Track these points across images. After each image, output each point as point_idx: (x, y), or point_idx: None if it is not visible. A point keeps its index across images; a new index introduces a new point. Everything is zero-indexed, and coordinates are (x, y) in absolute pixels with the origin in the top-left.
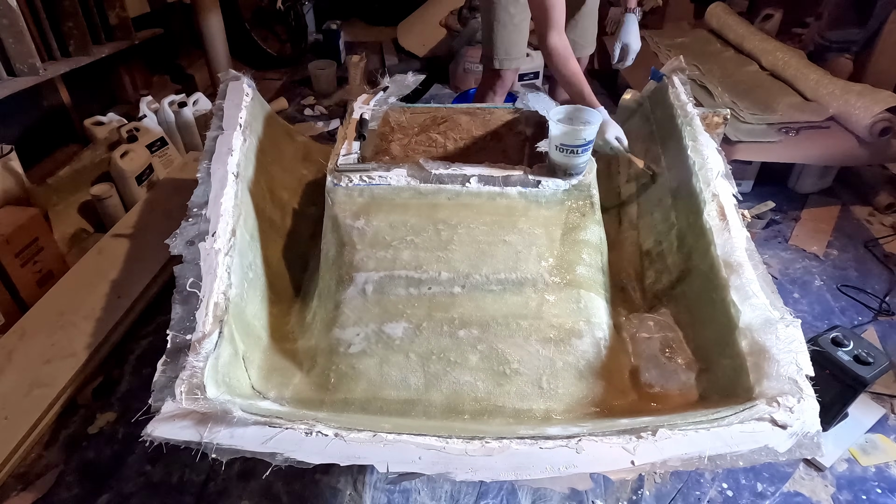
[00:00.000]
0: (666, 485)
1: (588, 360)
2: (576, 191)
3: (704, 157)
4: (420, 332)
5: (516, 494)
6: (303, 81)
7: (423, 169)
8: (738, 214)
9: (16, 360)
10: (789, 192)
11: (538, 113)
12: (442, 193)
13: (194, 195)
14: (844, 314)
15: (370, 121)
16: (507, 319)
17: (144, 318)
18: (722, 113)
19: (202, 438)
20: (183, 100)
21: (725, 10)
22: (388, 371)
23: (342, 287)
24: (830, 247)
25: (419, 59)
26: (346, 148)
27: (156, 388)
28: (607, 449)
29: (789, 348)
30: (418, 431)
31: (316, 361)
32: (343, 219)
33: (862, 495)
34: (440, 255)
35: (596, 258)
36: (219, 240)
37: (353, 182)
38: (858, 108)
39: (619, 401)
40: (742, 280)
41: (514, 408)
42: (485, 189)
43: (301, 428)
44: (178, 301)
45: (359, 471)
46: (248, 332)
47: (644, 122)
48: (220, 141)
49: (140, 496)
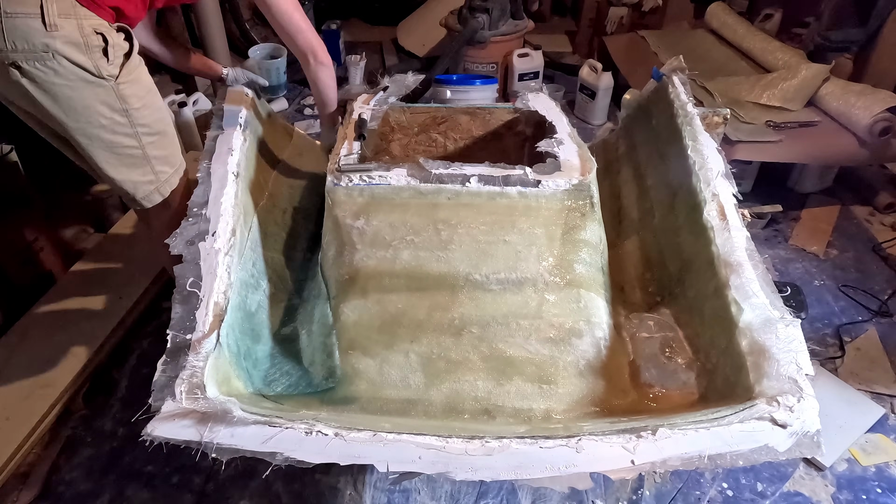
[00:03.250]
0: (666, 484)
1: (588, 359)
2: (576, 191)
3: (704, 157)
4: (420, 331)
5: (516, 494)
6: (303, 81)
7: (423, 169)
8: (738, 214)
9: (16, 360)
10: (789, 192)
11: (538, 113)
12: (442, 193)
13: (194, 195)
14: (844, 314)
15: (370, 121)
16: (507, 319)
17: (144, 318)
18: (722, 113)
19: (202, 438)
20: (183, 100)
21: (725, 9)
22: (388, 371)
23: (342, 287)
24: (830, 247)
25: (419, 59)
26: (346, 148)
27: (156, 387)
28: (607, 448)
29: (789, 348)
30: (418, 431)
31: (316, 361)
32: (343, 218)
33: (862, 495)
34: (440, 255)
35: (596, 258)
36: (219, 240)
37: (354, 182)
38: (858, 108)
39: (619, 400)
40: (742, 280)
41: (514, 407)
42: (485, 189)
43: (301, 427)
44: (178, 301)
45: (359, 470)
46: (248, 332)
47: (645, 121)
48: (220, 141)
49: (140, 496)
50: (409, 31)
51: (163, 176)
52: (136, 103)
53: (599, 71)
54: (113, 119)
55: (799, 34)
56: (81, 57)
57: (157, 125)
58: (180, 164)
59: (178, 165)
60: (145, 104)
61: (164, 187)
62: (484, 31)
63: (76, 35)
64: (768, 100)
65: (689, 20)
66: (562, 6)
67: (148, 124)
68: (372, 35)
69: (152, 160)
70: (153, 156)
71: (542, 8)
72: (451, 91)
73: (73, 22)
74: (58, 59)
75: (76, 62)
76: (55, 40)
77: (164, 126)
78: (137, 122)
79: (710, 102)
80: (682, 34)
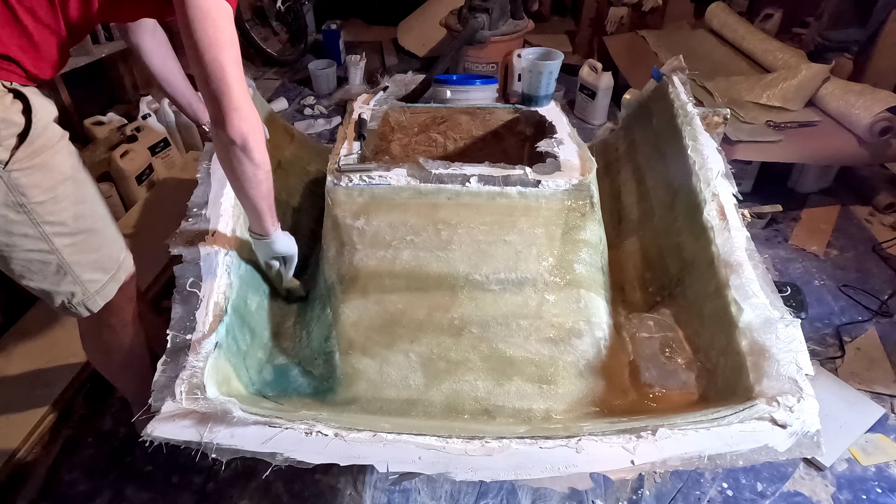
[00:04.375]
0: (666, 484)
1: (588, 359)
2: (576, 191)
3: (704, 157)
4: (420, 331)
5: (516, 494)
6: (303, 81)
7: (423, 169)
8: (738, 214)
9: (16, 360)
10: (789, 192)
11: (538, 113)
12: (442, 193)
13: (194, 195)
14: (844, 314)
15: (370, 121)
16: (507, 319)
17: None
18: (722, 113)
19: (202, 438)
20: None
21: (725, 9)
22: (388, 371)
23: (342, 287)
24: (830, 247)
25: (419, 58)
26: (346, 148)
27: (156, 387)
28: (607, 448)
29: (789, 348)
30: (418, 431)
31: (316, 361)
32: (343, 218)
33: (862, 495)
34: (440, 255)
35: (596, 258)
36: (219, 240)
37: (353, 182)
38: (858, 108)
39: (619, 400)
40: (742, 279)
41: (514, 407)
42: (485, 189)
43: (301, 428)
44: (178, 301)
45: (359, 471)
46: (248, 332)
47: (645, 121)
48: None
49: (140, 496)
50: (409, 31)
51: (92, 286)
52: (38, 196)
53: (599, 71)
54: (5, 216)
55: (799, 34)
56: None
57: (78, 223)
58: (121, 266)
59: (114, 269)
60: (55, 197)
61: (93, 300)
62: (484, 30)
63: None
64: (768, 100)
65: (689, 20)
66: (562, 6)
67: (62, 222)
68: (372, 35)
69: (72, 266)
70: (73, 262)
71: (542, 8)
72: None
73: None
74: None
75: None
76: None
77: (91, 223)
78: (43, 219)
79: (710, 102)
80: (682, 34)
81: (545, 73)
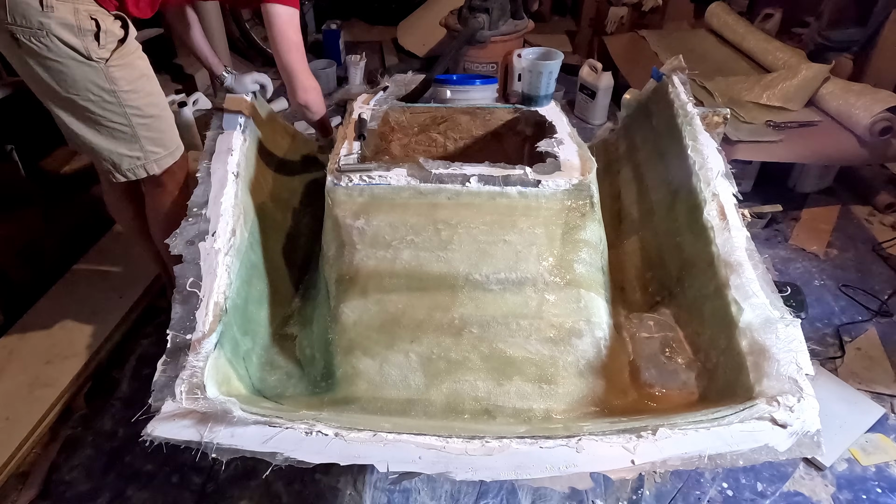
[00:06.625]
0: (666, 484)
1: (588, 359)
2: (576, 190)
3: (704, 157)
4: (420, 331)
5: (516, 494)
6: None
7: (423, 168)
8: (738, 214)
9: (16, 360)
10: (789, 192)
11: (538, 113)
12: (442, 193)
13: (194, 195)
14: (844, 314)
15: (370, 121)
16: (507, 319)
17: (145, 318)
18: (722, 113)
19: (202, 438)
20: (183, 100)
21: (725, 9)
22: (389, 371)
23: (342, 287)
24: (830, 247)
25: (419, 58)
26: (346, 148)
27: (156, 387)
28: (607, 448)
29: (789, 348)
30: (418, 431)
31: (316, 361)
32: (343, 218)
33: (862, 495)
34: (440, 255)
35: (596, 258)
36: (219, 240)
37: (353, 182)
38: (858, 107)
39: (619, 400)
40: (742, 279)
41: (514, 407)
42: (485, 189)
43: (301, 428)
44: (178, 301)
45: (359, 470)
46: (248, 332)
47: (645, 121)
48: (220, 141)
49: (140, 496)
50: (409, 31)
51: (153, 156)
52: (125, 86)
53: (599, 71)
54: (101, 97)
55: (799, 34)
56: (73, 39)
57: (149, 109)
58: (176, 149)
59: (172, 149)
60: (135, 88)
61: (152, 165)
62: (484, 30)
63: (70, 18)
64: (768, 100)
65: (689, 20)
66: (562, 6)
67: (138, 107)
68: (372, 35)
69: (142, 139)
70: (143, 136)
71: (542, 8)
72: (451, 91)
73: (69, 6)
74: (51, 38)
75: (67, 43)
76: (50, 20)
77: (158, 111)
78: (126, 103)
79: (710, 102)
80: (682, 34)
81: (545, 73)
